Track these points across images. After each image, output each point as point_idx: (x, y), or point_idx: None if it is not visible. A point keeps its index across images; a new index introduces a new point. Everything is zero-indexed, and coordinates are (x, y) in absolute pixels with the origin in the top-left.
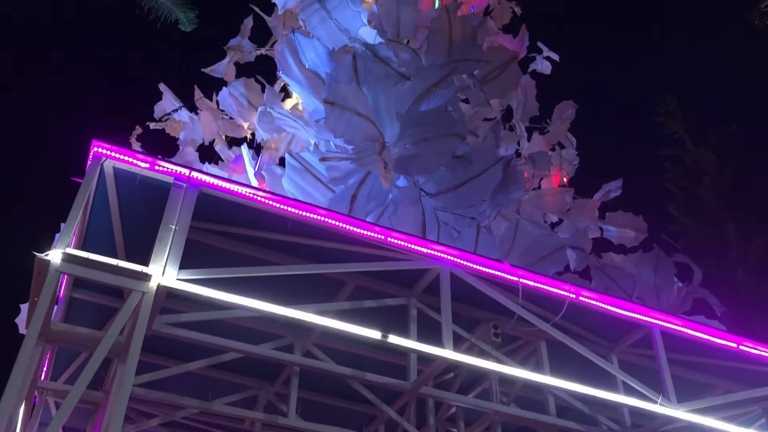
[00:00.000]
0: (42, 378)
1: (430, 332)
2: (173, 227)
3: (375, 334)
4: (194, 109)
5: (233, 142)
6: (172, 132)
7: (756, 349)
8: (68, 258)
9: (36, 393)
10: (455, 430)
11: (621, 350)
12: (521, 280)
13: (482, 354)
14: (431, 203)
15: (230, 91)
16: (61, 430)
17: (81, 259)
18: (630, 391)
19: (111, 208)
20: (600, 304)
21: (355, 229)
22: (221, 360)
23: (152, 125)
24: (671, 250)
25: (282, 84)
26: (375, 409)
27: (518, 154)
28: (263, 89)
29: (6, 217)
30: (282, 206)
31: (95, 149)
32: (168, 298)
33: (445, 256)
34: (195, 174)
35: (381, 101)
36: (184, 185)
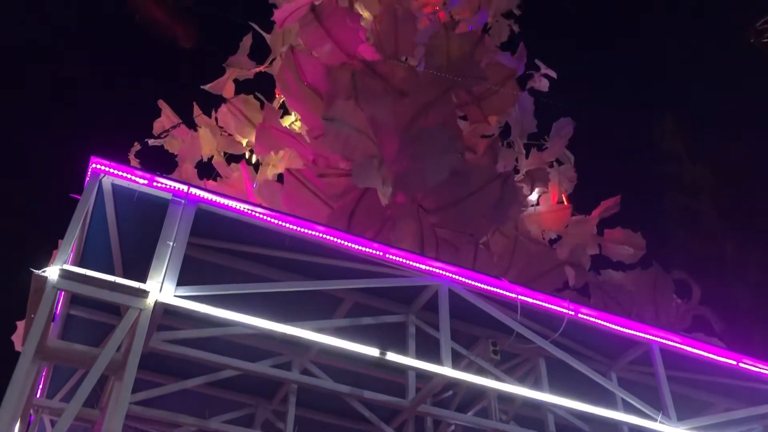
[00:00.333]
0: (38, 395)
1: (429, 349)
2: (171, 243)
3: (373, 352)
4: (193, 126)
5: (232, 159)
6: (171, 148)
7: (756, 367)
8: (65, 274)
9: (31, 411)
10: None
11: (620, 367)
12: (520, 297)
13: (481, 371)
14: (429, 219)
15: (229, 108)
16: None
17: (78, 276)
18: (629, 409)
19: (109, 225)
20: (599, 321)
21: (354, 246)
22: (218, 377)
23: (151, 142)
24: (670, 267)
25: (281, 101)
26: (373, 428)
27: (516, 171)
28: (262, 106)
29: (3, 233)
30: (280, 222)
31: (94, 165)
32: (165, 315)
33: (444, 273)
34: (193, 190)
35: (379, 118)
36: (183, 201)
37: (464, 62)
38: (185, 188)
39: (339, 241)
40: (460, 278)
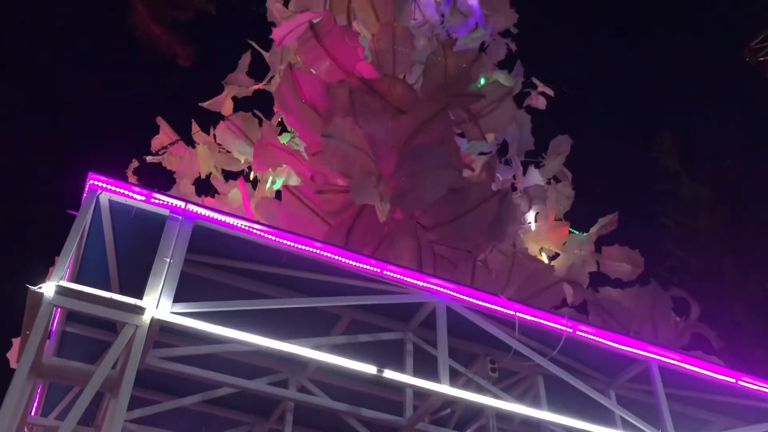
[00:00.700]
0: (32, 413)
1: (427, 367)
2: (168, 260)
3: (371, 369)
4: (191, 143)
5: (230, 176)
6: (169, 165)
7: (755, 385)
8: (62, 291)
9: (26, 429)
10: None
11: (619, 385)
12: (518, 314)
13: (479, 389)
14: (427, 236)
15: (228, 125)
16: None
17: (74, 292)
18: (628, 427)
19: (106, 241)
20: (597, 339)
21: (351, 262)
22: (215, 395)
23: (149, 158)
24: (668, 285)
25: (279, 118)
26: None
27: (514, 188)
28: (260, 123)
29: (0, 250)
30: (278, 239)
31: (91, 182)
32: (162, 332)
33: (442, 290)
34: (191, 206)
35: (377, 135)
36: (180, 218)
37: (462, 80)
38: (183, 205)
39: (337, 258)
40: (458, 295)
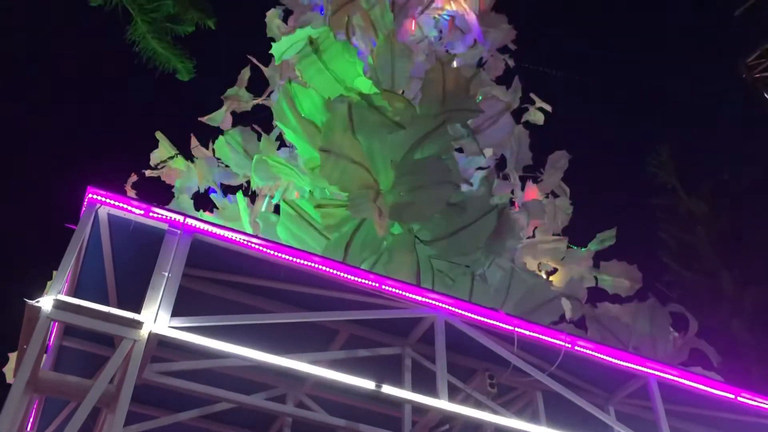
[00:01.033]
0: (28, 429)
1: (425, 382)
2: (166, 274)
3: (369, 385)
4: (190, 157)
5: (229, 190)
6: (168, 179)
7: (754, 400)
8: (59, 305)
9: None
10: None
11: (618, 401)
12: (517, 330)
13: (478, 405)
14: (426, 251)
15: (227, 140)
16: None
17: (72, 306)
18: None
19: (104, 255)
20: (596, 354)
21: (350, 277)
22: (212, 410)
23: (148, 173)
24: (666, 300)
25: (278, 133)
26: None
27: (512, 203)
28: (259, 138)
29: None
30: (276, 253)
31: (90, 196)
32: (159, 347)
33: (440, 305)
34: (189, 221)
35: (376, 149)
36: (179, 232)
37: (460, 95)
38: (181, 219)
39: (335, 272)
40: (457, 310)
